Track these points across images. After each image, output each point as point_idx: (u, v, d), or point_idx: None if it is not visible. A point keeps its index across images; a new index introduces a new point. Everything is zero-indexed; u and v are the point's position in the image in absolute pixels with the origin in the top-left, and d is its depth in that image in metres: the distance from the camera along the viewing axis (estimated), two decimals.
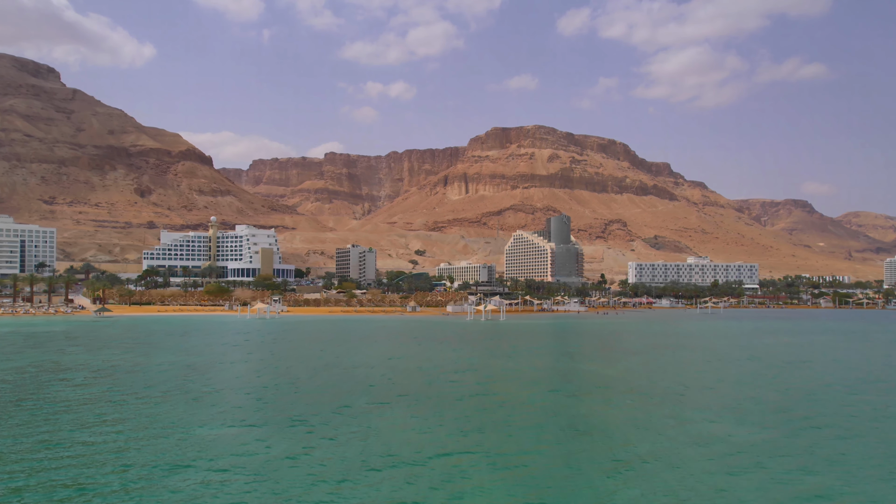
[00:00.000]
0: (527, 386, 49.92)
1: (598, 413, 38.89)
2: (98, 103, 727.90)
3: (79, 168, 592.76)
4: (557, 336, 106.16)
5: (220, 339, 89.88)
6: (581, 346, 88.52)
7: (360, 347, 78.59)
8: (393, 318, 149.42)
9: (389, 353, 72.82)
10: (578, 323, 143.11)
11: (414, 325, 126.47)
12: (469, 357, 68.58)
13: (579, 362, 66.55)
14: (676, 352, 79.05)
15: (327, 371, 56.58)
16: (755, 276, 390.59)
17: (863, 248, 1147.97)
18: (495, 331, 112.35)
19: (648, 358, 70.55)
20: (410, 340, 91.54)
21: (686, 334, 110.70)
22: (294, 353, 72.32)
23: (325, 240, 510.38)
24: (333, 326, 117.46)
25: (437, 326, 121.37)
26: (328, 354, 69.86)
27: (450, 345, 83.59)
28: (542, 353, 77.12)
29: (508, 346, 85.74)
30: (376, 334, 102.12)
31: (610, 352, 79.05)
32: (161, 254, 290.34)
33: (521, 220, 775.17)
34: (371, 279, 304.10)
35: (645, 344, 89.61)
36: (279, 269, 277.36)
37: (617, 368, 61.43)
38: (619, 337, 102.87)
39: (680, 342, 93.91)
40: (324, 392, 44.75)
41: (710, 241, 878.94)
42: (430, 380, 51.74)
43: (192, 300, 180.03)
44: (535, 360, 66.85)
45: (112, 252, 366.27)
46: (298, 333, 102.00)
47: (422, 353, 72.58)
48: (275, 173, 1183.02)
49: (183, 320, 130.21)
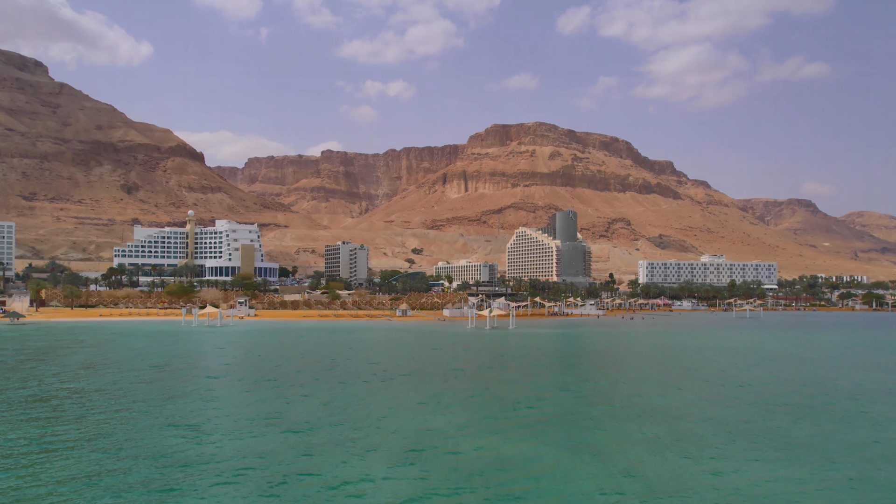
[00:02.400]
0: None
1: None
2: (86, 98, 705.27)
3: (62, 163, 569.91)
4: (618, 362, 68.72)
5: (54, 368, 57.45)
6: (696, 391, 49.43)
7: (258, 400, 43.37)
8: (377, 324, 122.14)
9: (304, 419, 37.18)
10: (614, 333, 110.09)
11: (398, 336, 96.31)
12: (479, 443, 31.97)
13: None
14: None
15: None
16: (773, 276, 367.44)
17: (868, 249, 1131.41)
18: (509, 349, 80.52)
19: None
20: (373, 376, 53.42)
21: (805, 360, 72.42)
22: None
23: (317, 238, 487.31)
24: (284, 340, 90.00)
25: (429, 340, 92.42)
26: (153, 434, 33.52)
27: (440, 389, 47.52)
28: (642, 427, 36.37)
29: (552, 391, 48.14)
30: (327, 356, 68.02)
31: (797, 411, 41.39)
32: (134, 251, 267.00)
33: (522, 218, 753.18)
34: (362, 279, 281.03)
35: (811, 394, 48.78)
36: (261, 267, 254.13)
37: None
38: (718, 362, 67.59)
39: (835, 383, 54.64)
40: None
41: (716, 241, 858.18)
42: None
43: (151, 302, 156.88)
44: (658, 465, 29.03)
45: (87, 250, 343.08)
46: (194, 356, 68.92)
47: (373, 426, 35.53)
48: (270, 171, 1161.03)
49: (104, 328, 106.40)
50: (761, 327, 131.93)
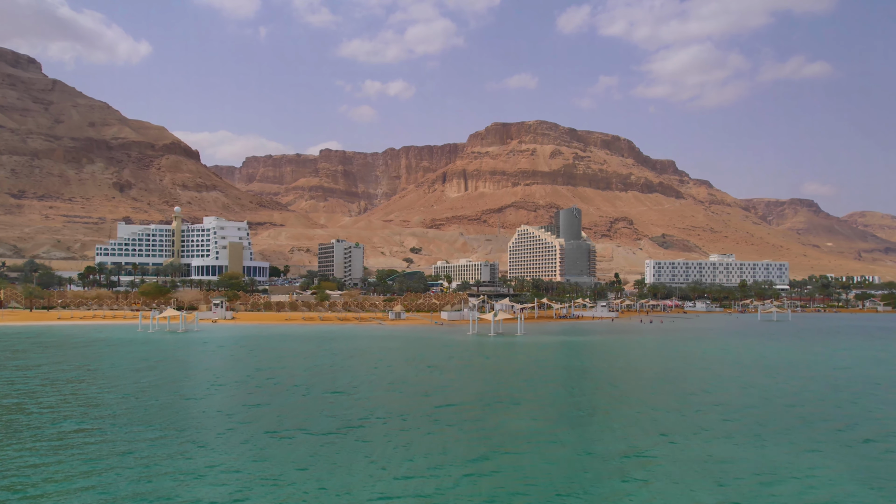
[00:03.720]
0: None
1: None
2: (79, 94, 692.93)
3: (53, 161, 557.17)
4: (682, 392, 46.49)
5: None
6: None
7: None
8: (365, 330, 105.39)
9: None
10: (644, 342, 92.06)
11: (383, 346, 79.14)
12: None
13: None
14: None
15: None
16: (785, 276, 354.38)
17: (871, 249, 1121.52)
18: (520, 366, 61.68)
19: None
20: (323, 422, 34.18)
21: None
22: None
23: (312, 237, 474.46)
24: (237, 353, 70.23)
25: (420, 351, 74.15)
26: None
27: (420, 452, 27.87)
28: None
29: (600, 458, 27.17)
30: (278, 382, 48.40)
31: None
32: (117, 249, 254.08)
33: (523, 217, 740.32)
34: (358, 278, 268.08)
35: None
36: (250, 266, 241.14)
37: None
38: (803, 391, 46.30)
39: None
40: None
41: (720, 241, 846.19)
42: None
43: (123, 303, 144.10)
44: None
45: (71, 249, 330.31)
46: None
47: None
48: (268, 171, 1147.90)
49: (36, 334, 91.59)
50: (807, 334, 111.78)
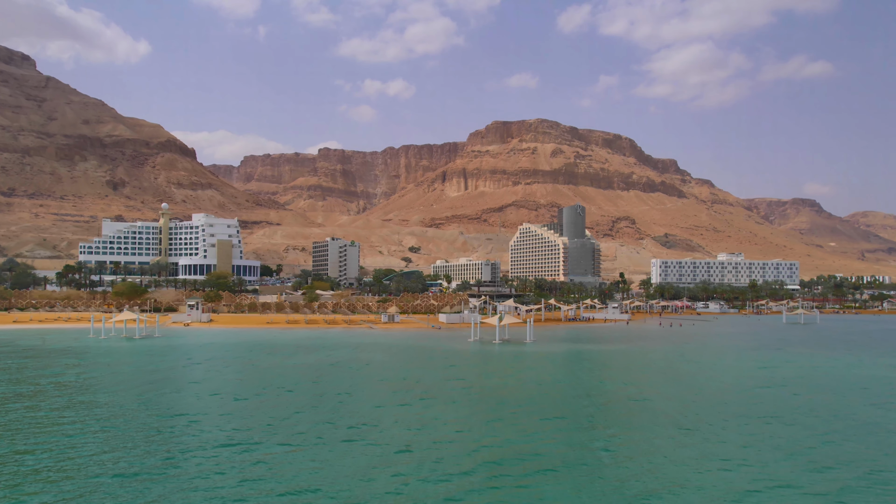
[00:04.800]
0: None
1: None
2: (73, 92, 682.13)
3: (44, 158, 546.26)
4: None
5: None
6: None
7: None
8: (353, 335, 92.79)
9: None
10: (678, 352, 77.35)
11: (364, 360, 64.55)
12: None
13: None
14: None
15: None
16: (795, 275, 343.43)
17: (874, 249, 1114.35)
18: (538, 392, 46.46)
19: None
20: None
21: None
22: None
23: (309, 235, 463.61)
24: (179, 374, 55.22)
25: (408, 368, 59.43)
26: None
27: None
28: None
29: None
30: (202, 429, 33.49)
31: None
32: (102, 247, 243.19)
33: (524, 216, 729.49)
34: (353, 278, 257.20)
35: None
36: (240, 265, 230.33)
37: None
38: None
39: None
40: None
41: (723, 240, 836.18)
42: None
43: (96, 304, 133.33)
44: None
45: (58, 247, 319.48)
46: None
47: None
48: (266, 170, 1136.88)
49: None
50: (859, 341, 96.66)
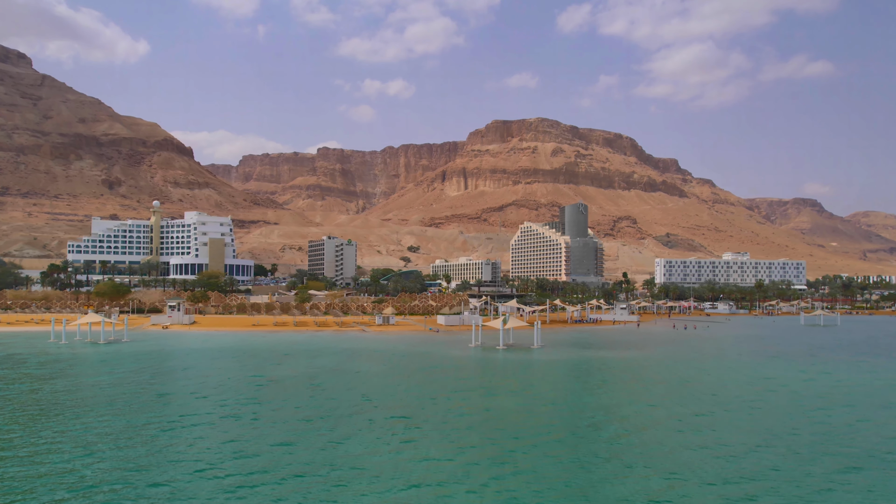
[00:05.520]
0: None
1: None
2: (69, 90, 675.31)
3: (39, 157, 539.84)
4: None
5: None
6: None
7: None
8: (344, 338, 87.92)
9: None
10: (706, 360, 68.43)
11: (351, 371, 56.20)
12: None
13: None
14: None
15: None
16: (802, 275, 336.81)
17: (876, 249, 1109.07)
18: (561, 417, 38.74)
19: None
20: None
21: None
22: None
23: (306, 235, 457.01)
24: (113, 389, 46.21)
25: (399, 382, 51.29)
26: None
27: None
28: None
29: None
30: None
31: None
32: (91, 246, 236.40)
33: (524, 216, 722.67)
34: (350, 277, 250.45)
35: None
36: (233, 264, 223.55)
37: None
38: None
39: None
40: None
41: (725, 240, 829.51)
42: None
43: (76, 305, 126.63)
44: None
45: (48, 246, 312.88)
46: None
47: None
48: (265, 169, 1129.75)
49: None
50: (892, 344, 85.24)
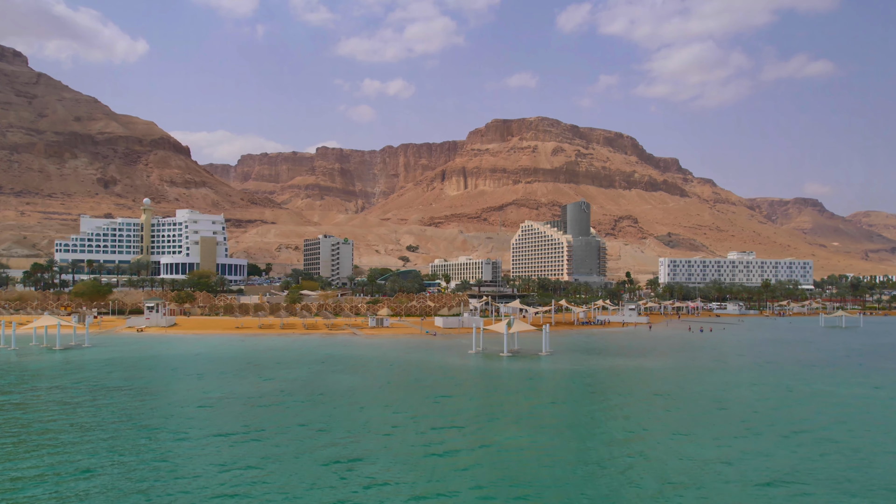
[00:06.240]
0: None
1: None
2: (65, 88, 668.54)
3: (33, 155, 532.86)
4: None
5: None
6: None
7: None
8: (332, 343, 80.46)
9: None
10: (756, 373, 60.19)
11: (328, 388, 48.22)
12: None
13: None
14: None
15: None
16: (809, 275, 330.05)
17: (878, 249, 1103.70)
18: (589, 465, 28.87)
19: None
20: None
21: None
22: None
23: (303, 234, 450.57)
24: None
25: (384, 402, 44.44)
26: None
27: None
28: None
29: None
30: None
31: None
32: (79, 245, 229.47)
33: (524, 215, 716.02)
34: (346, 277, 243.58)
35: None
36: (225, 263, 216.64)
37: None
38: None
39: None
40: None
41: (727, 240, 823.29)
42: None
43: (53, 305, 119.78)
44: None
45: (37, 246, 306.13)
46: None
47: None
48: (264, 169, 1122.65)
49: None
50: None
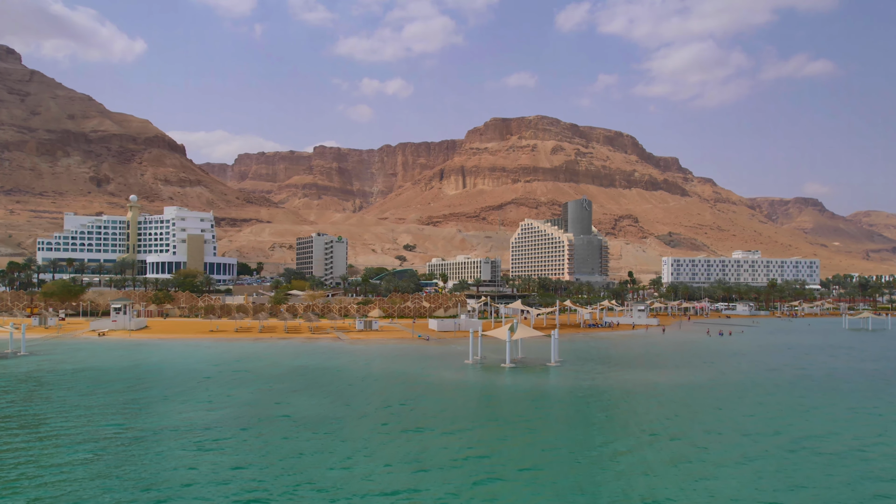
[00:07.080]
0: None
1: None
2: (59, 86, 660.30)
3: (25, 153, 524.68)
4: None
5: None
6: None
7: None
8: (311, 349, 72.57)
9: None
10: (827, 397, 46.58)
11: (280, 419, 35.70)
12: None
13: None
14: None
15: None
16: (816, 275, 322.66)
17: (879, 248, 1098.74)
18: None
19: None
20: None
21: None
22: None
23: (298, 233, 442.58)
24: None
25: (340, 437, 31.96)
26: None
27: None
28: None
29: None
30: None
31: None
32: (63, 244, 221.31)
33: (524, 214, 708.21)
34: (339, 276, 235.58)
35: None
36: (214, 262, 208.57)
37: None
38: None
39: None
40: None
41: (728, 239, 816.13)
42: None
43: (20, 306, 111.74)
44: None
45: (22, 245, 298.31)
46: None
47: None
48: (261, 168, 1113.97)
49: None
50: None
